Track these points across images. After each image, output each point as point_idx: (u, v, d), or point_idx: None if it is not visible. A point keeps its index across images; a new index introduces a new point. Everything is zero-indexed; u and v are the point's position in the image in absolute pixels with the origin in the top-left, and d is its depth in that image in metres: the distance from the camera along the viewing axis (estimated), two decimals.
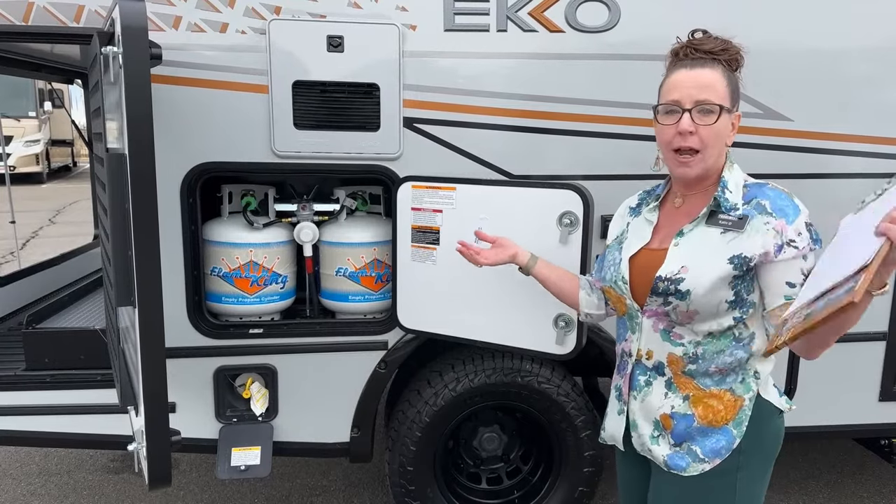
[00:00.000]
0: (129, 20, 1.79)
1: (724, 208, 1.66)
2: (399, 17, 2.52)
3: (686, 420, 1.71)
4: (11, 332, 3.39)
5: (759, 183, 1.71)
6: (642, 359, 1.78)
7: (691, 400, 1.71)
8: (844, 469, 3.92)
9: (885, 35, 2.73)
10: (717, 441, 1.68)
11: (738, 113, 1.71)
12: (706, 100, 1.64)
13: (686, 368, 1.70)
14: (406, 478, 2.85)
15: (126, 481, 3.69)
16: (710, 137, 1.65)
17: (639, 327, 1.77)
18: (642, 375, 1.78)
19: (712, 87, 1.65)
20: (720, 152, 1.69)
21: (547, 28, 2.57)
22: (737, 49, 1.70)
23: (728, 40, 1.71)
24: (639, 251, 1.78)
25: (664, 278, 1.66)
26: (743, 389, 1.69)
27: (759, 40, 2.65)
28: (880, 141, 2.79)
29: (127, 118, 1.82)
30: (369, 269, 2.77)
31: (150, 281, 1.89)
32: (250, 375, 2.74)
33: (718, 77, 1.66)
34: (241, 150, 2.54)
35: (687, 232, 1.70)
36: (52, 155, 16.59)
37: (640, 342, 1.77)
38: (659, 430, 1.75)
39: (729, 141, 1.69)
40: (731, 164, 1.74)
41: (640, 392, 1.79)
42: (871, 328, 2.91)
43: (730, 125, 1.69)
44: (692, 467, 1.70)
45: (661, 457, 1.74)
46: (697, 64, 1.68)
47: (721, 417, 1.68)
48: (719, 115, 1.63)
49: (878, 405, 3.00)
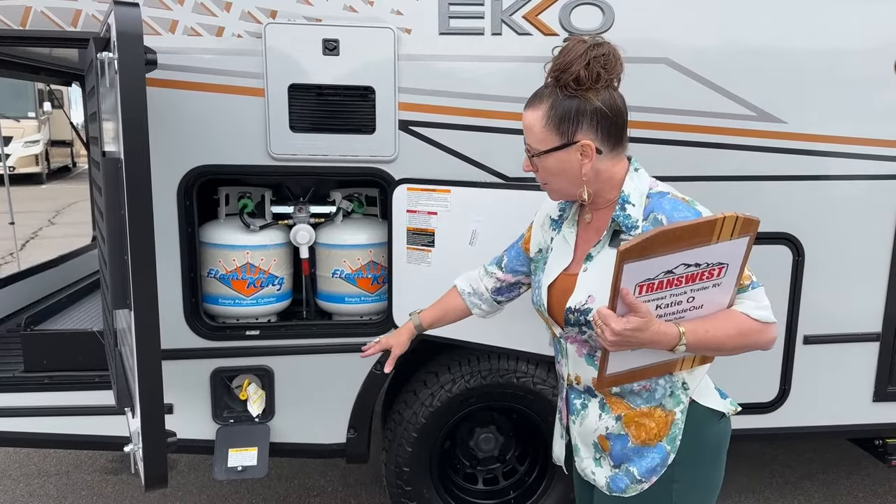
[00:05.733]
0: (125, 26, 1.80)
1: (625, 227, 1.59)
2: (394, 20, 2.53)
3: (621, 441, 1.69)
4: (10, 333, 3.40)
5: (660, 192, 1.62)
6: (573, 383, 1.75)
7: (624, 420, 1.68)
8: (839, 469, 3.93)
9: (879, 36, 2.74)
10: (651, 460, 1.66)
11: (583, 141, 1.57)
12: (527, 144, 1.64)
13: (613, 391, 1.67)
14: (402, 478, 2.86)
15: (124, 482, 3.70)
16: (544, 175, 1.66)
17: (565, 352, 1.74)
18: (577, 399, 1.76)
19: (529, 129, 1.62)
20: (572, 181, 1.62)
21: (541, 31, 2.58)
22: (576, 70, 1.53)
23: (571, 59, 1.54)
24: (557, 277, 1.72)
25: (573, 309, 1.63)
26: (673, 403, 1.66)
27: (753, 42, 2.68)
28: (874, 143, 2.80)
29: (122, 123, 1.83)
30: (365, 270, 2.78)
31: (146, 284, 1.90)
32: (247, 377, 2.75)
33: (538, 117, 1.60)
34: (237, 152, 2.55)
35: (595, 255, 1.65)
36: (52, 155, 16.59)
37: (569, 367, 1.75)
38: (599, 453, 1.73)
39: (585, 168, 1.59)
40: (635, 172, 1.65)
41: (577, 416, 1.76)
42: (864, 329, 2.93)
43: (571, 158, 1.58)
44: (631, 488, 1.68)
45: (604, 479, 1.72)
46: (529, 102, 1.64)
47: (654, 435, 1.66)
48: (534, 157, 1.63)
49: (872, 406, 3.01)
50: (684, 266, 1.43)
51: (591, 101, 1.56)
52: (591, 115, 1.56)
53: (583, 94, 1.56)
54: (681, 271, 1.43)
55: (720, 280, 1.49)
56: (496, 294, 2.02)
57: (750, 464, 3.97)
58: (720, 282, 1.49)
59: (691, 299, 1.49)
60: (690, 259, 1.42)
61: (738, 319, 1.53)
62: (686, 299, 1.48)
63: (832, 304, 2.90)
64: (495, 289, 2.02)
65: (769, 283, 2.78)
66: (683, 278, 1.44)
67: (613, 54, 1.57)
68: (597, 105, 1.56)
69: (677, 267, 1.42)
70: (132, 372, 2.07)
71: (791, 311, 2.86)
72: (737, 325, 1.53)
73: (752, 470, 3.91)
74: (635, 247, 1.35)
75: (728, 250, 1.44)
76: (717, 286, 1.49)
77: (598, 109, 1.56)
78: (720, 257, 1.45)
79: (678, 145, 2.69)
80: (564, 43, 1.59)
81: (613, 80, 1.59)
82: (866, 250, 2.88)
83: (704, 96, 2.66)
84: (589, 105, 1.56)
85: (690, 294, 1.48)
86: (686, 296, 1.48)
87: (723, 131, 2.70)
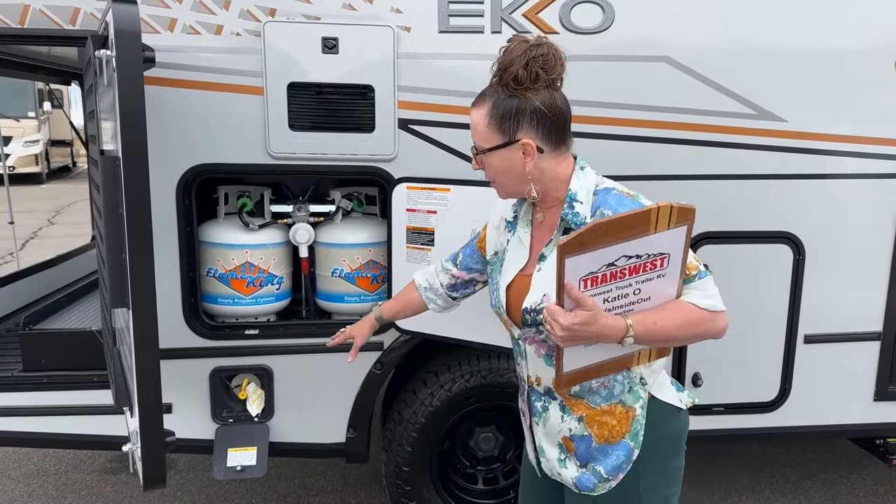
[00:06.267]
0: (122, 24, 1.79)
1: (574, 224, 1.60)
2: (394, 18, 2.52)
3: (585, 441, 1.70)
4: (9, 333, 3.40)
5: (606, 188, 1.64)
6: (534, 385, 1.76)
7: (586, 420, 1.69)
8: (840, 468, 3.92)
9: (881, 34, 2.73)
10: (616, 458, 1.67)
11: (524, 140, 1.59)
12: (473, 142, 1.68)
13: (572, 391, 1.68)
14: (402, 478, 2.85)
15: (124, 482, 3.69)
16: (491, 173, 1.69)
17: (524, 353, 1.75)
18: (538, 401, 1.76)
19: (474, 128, 1.66)
20: (518, 180, 1.65)
21: (541, 29, 2.57)
22: (515, 69, 1.56)
23: (512, 58, 1.57)
24: (514, 278, 1.73)
25: (529, 310, 1.64)
26: (632, 399, 1.68)
27: (753, 40, 2.67)
28: (876, 142, 2.79)
29: (120, 121, 1.83)
30: (365, 270, 2.78)
31: (144, 283, 1.90)
32: (246, 376, 2.74)
33: (481, 115, 1.63)
34: (236, 151, 2.55)
35: (548, 255, 1.66)
36: (52, 155, 16.58)
37: (528, 368, 1.76)
38: (564, 453, 1.74)
39: (528, 167, 1.61)
40: (581, 169, 1.67)
41: (539, 417, 1.77)
42: (865, 328, 2.93)
43: (514, 156, 1.62)
44: (598, 487, 1.69)
45: (571, 479, 1.73)
46: (475, 101, 1.67)
47: (616, 432, 1.67)
48: (479, 154, 1.67)
49: (873, 405, 3.01)
50: (625, 258, 1.44)
51: (531, 101, 1.58)
52: (530, 114, 1.58)
53: (522, 93, 1.58)
54: (623, 263, 1.45)
55: (664, 271, 1.50)
56: (451, 290, 2.06)
57: (751, 463, 3.97)
58: (664, 272, 1.50)
59: (637, 291, 1.50)
60: (631, 250, 1.44)
61: (685, 309, 1.54)
62: (632, 292, 1.50)
63: (833, 303, 2.89)
64: (450, 285, 2.05)
65: (769, 283, 2.84)
66: (627, 270, 1.46)
67: (554, 55, 1.58)
68: (536, 105, 1.58)
69: (619, 259, 1.44)
70: (130, 371, 2.06)
71: (792, 311, 2.86)
72: (685, 315, 1.54)
73: (752, 470, 3.90)
74: (573, 241, 1.38)
75: (667, 240, 1.46)
76: (662, 277, 1.51)
77: (538, 109, 1.58)
78: (660, 248, 1.47)
79: (678, 144, 2.68)
80: (507, 43, 1.61)
81: (555, 81, 1.61)
82: (867, 249, 2.87)
83: (705, 95, 2.66)
84: (529, 104, 1.58)
85: (636, 286, 1.49)
86: (632, 288, 1.49)
87: (723, 130, 2.69)
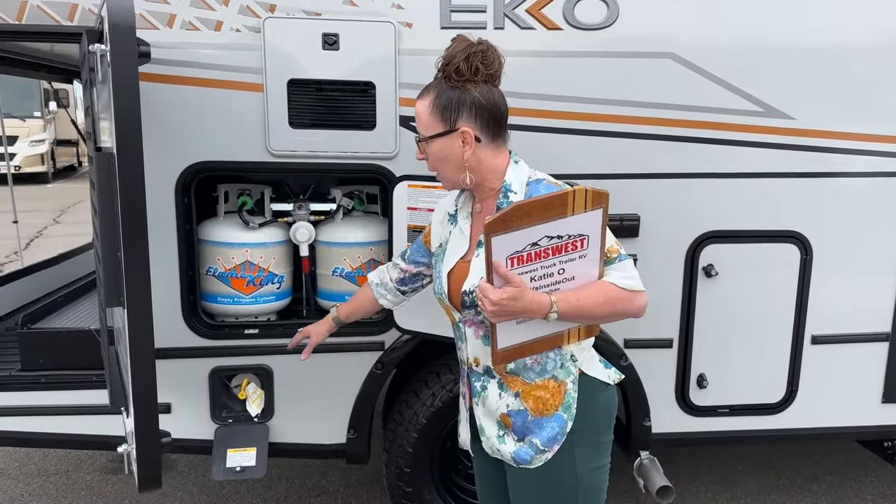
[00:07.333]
0: (117, 17, 1.76)
1: None
2: (395, 14, 2.50)
3: (521, 415, 1.81)
4: (7, 332, 3.39)
5: (538, 179, 1.78)
6: (472, 366, 1.87)
7: (521, 395, 1.80)
8: (847, 471, 3.88)
9: (889, 32, 2.70)
10: (551, 430, 1.78)
11: (463, 129, 1.72)
12: (418, 132, 1.80)
13: (508, 368, 1.79)
14: (403, 479, 2.82)
15: (124, 482, 3.68)
16: (433, 162, 1.80)
17: (464, 336, 1.86)
18: (477, 381, 1.87)
19: (418, 117, 1.79)
20: (456, 167, 1.76)
21: (545, 25, 2.54)
22: (457, 62, 1.70)
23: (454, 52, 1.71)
24: (455, 264, 1.85)
25: (468, 292, 1.76)
26: (564, 374, 1.79)
27: (761, 38, 2.63)
28: (884, 139, 2.76)
29: (115, 116, 1.80)
30: (366, 269, 2.75)
31: (140, 282, 1.87)
32: (246, 376, 2.72)
33: (425, 105, 1.76)
34: (236, 149, 2.52)
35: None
36: (58, 155, 16.61)
37: (468, 350, 1.87)
38: (503, 429, 1.85)
39: (466, 155, 1.73)
40: (515, 163, 1.80)
41: (479, 397, 1.88)
42: (873, 329, 2.89)
43: (453, 144, 1.74)
44: (536, 459, 1.80)
45: (509, 454, 1.83)
46: (420, 93, 1.79)
47: (550, 405, 1.79)
48: (421, 141, 1.78)
49: (881, 407, 2.97)
50: (547, 238, 1.59)
51: (470, 92, 1.71)
52: (469, 104, 1.72)
53: (463, 84, 1.71)
54: (545, 243, 1.59)
55: (585, 252, 1.64)
56: (400, 284, 2.18)
57: (756, 465, 3.93)
58: (585, 253, 1.64)
59: (562, 271, 1.64)
60: (552, 231, 1.58)
61: (606, 288, 1.68)
62: (557, 271, 1.64)
63: (840, 303, 2.85)
64: (399, 279, 2.18)
65: (776, 283, 2.80)
66: (550, 250, 1.60)
67: (493, 52, 1.73)
68: (475, 96, 1.71)
69: (541, 239, 1.58)
70: (126, 371, 2.04)
71: (799, 311, 2.82)
72: (605, 294, 1.68)
73: (758, 472, 3.87)
74: (498, 220, 1.52)
75: (585, 222, 1.60)
76: (584, 258, 1.64)
77: (476, 100, 1.72)
78: (579, 229, 1.60)
79: (683, 142, 2.65)
80: (451, 41, 1.75)
81: (493, 77, 1.75)
82: (875, 249, 2.83)
83: (711, 92, 2.62)
84: (468, 96, 1.72)
85: (560, 266, 1.63)
86: (556, 268, 1.63)
87: (729, 127, 2.66)
